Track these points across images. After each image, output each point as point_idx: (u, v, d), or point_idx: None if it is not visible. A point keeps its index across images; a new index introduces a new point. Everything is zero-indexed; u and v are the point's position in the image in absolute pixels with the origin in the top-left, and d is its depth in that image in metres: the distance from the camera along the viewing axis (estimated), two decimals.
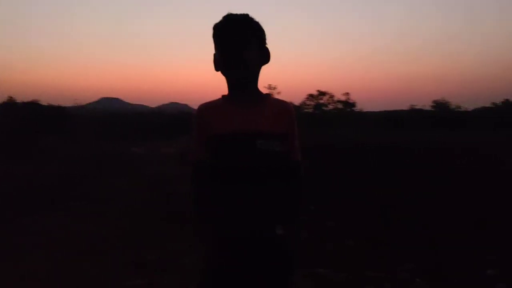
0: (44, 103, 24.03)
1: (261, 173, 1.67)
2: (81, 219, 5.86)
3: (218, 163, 1.69)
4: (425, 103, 32.64)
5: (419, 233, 5.10)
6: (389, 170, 8.87)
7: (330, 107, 24.17)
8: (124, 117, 30.86)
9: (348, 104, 25.02)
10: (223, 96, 1.78)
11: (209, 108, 1.76)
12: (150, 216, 5.97)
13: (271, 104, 1.75)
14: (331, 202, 6.57)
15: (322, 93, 24.21)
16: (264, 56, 1.76)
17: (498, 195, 6.84)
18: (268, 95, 1.80)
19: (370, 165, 9.13)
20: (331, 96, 24.57)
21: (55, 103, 24.02)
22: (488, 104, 32.10)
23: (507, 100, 31.02)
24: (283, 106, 1.78)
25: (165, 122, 31.11)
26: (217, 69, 1.75)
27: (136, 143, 16.85)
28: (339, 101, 24.68)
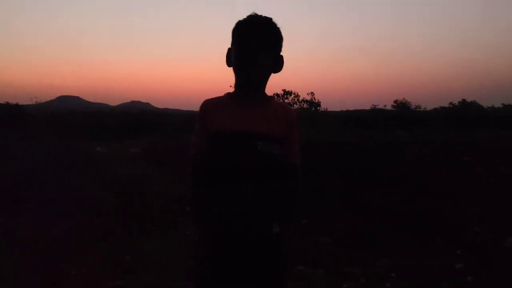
0: (0, 101, 23.13)
1: (260, 174, 1.71)
2: (49, 220, 5.67)
3: (218, 160, 1.72)
4: (386, 103, 33.42)
5: (391, 230, 5.24)
6: (357, 168, 9.04)
7: (296, 106, 24.35)
8: (85, 116, 30.12)
9: (313, 104, 25.32)
10: (228, 93, 1.81)
11: (213, 104, 1.78)
12: (122, 216, 5.86)
13: (274, 107, 1.79)
14: (302, 200, 6.64)
15: (287, 93, 24.39)
16: (278, 64, 1.79)
17: (459, 190, 7.10)
18: (272, 98, 1.83)
19: (338, 163, 9.27)
20: (297, 96, 24.80)
21: (12, 101, 23.13)
22: (446, 104, 33.17)
23: (464, 100, 32.16)
24: (285, 111, 1.83)
25: (128, 121, 30.57)
26: (229, 64, 1.77)
27: (100, 143, 16.46)
28: (304, 101, 24.94)
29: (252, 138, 1.69)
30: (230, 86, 1.89)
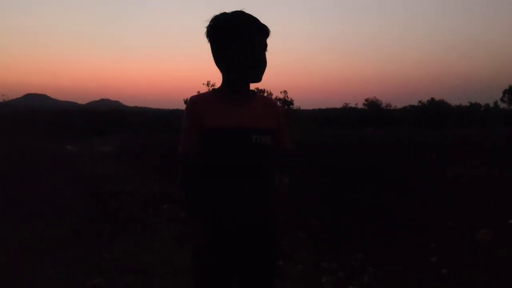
0: None
1: (257, 166, 1.76)
2: (20, 221, 5.53)
3: (216, 156, 1.73)
4: (358, 102, 33.97)
5: (365, 225, 5.31)
6: (331, 165, 9.15)
7: None
8: (53, 115, 29.50)
9: (286, 102, 25.53)
10: (214, 90, 1.83)
11: (202, 101, 1.78)
12: (96, 216, 5.75)
13: (259, 101, 1.86)
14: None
15: (260, 91, 24.50)
16: None
17: (429, 186, 7.26)
18: (255, 92, 1.88)
19: (312, 161, 9.36)
20: (270, 94, 24.93)
21: None
22: (415, 103, 33.95)
23: (432, 98, 32.98)
24: (271, 102, 1.93)
25: (97, 119, 30.12)
26: (223, 62, 1.78)
27: (69, 141, 16.12)
28: (278, 99, 25.10)
29: (247, 132, 1.74)
30: (209, 84, 1.92)
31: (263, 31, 1.74)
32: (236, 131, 1.72)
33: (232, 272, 1.80)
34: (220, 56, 1.77)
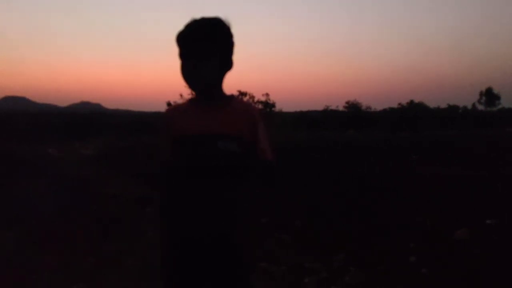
0: None
1: (221, 172, 1.72)
2: (0, 227, 5.47)
3: (181, 163, 1.75)
4: (338, 104, 34.34)
5: (345, 225, 5.40)
6: (312, 166, 9.25)
7: None
8: (33, 117, 29.08)
9: (268, 105, 25.64)
10: (190, 99, 1.88)
11: (175, 111, 1.86)
12: (77, 219, 5.73)
13: (235, 106, 1.81)
14: (262, 199, 6.71)
15: (242, 94, 24.53)
16: (227, 64, 1.85)
17: (408, 187, 7.38)
18: (233, 96, 1.86)
19: (294, 164, 9.44)
20: (252, 97, 25.01)
21: None
22: (395, 105, 34.47)
23: (411, 101, 33.49)
24: (246, 109, 1.84)
25: (78, 122, 29.80)
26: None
27: (51, 145, 15.93)
28: (260, 102, 25.18)
29: (212, 138, 1.71)
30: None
31: (190, 39, 1.73)
32: (197, 136, 1.73)
33: (197, 283, 1.76)
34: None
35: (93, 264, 4.06)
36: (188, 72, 1.73)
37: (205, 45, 1.70)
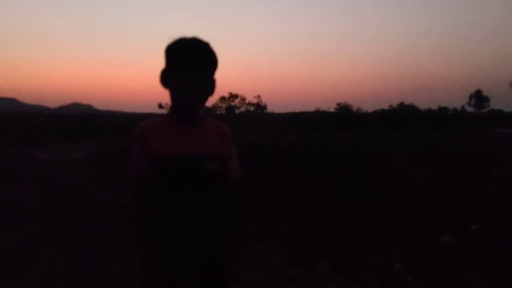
0: None
1: (207, 192, 1.76)
2: None
3: (166, 183, 1.73)
4: (329, 106, 34.52)
5: (331, 232, 5.40)
6: (301, 170, 9.23)
7: (242, 109, 24.52)
8: (22, 119, 28.84)
9: (259, 107, 25.63)
10: (164, 116, 1.84)
11: (152, 128, 1.79)
12: (65, 225, 5.69)
13: (210, 127, 1.84)
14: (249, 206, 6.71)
15: (234, 96, 24.53)
16: (214, 87, 1.85)
17: (395, 191, 7.40)
18: (207, 116, 1.88)
19: (284, 167, 9.42)
20: (243, 99, 25.00)
21: None
22: (385, 107, 34.67)
23: (402, 102, 33.68)
24: (222, 129, 1.87)
25: (68, 124, 29.62)
26: (166, 86, 1.80)
27: (39, 148, 15.80)
28: (251, 104, 25.19)
29: (198, 158, 1.74)
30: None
31: (195, 57, 1.73)
32: (185, 157, 1.73)
33: None
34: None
35: (77, 271, 4.03)
36: (189, 83, 1.70)
37: (210, 58, 1.74)
